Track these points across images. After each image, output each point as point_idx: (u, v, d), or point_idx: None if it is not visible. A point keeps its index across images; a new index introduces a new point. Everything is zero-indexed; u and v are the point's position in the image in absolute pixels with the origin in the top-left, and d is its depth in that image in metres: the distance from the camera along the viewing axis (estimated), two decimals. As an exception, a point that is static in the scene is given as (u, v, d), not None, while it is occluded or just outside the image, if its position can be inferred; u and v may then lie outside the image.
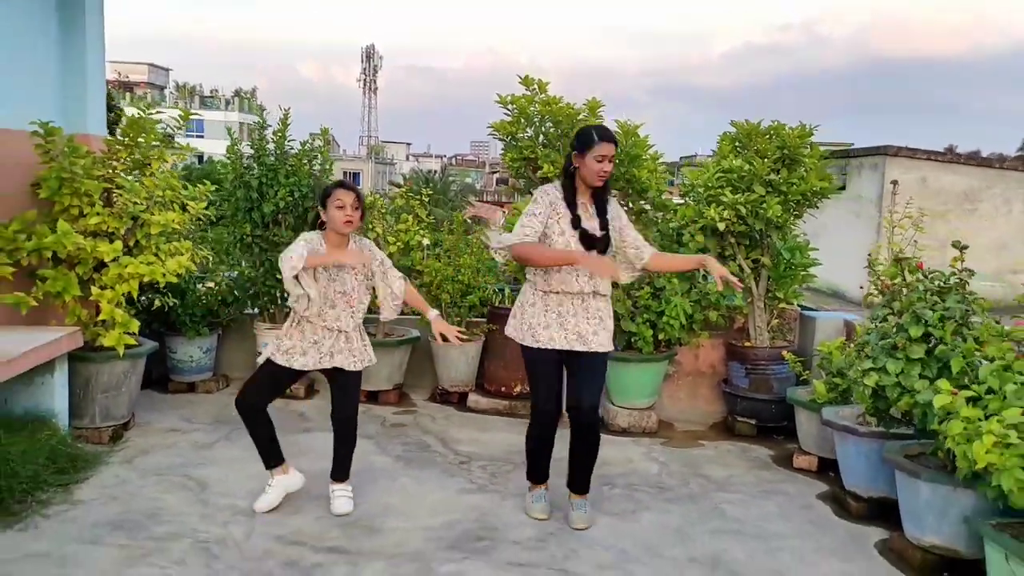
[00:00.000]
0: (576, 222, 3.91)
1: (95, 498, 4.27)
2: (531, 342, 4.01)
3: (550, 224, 3.93)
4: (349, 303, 4.05)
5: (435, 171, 57.65)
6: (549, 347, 3.98)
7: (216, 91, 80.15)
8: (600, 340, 4.01)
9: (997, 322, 3.72)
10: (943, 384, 3.32)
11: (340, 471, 4.30)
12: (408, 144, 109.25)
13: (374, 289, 4.22)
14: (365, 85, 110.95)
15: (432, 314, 4.24)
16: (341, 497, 4.24)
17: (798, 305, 6.27)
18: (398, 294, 4.19)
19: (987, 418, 3.26)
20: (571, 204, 3.94)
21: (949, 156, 19.16)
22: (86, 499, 4.24)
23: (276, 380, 4.16)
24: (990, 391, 3.31)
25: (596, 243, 3.92)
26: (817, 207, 5.83)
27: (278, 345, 4.09)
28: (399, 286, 4.19)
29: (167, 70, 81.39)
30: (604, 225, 3.98)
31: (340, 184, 4.08)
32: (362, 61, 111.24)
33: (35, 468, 4.19)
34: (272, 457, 4.23)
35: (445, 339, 4.17)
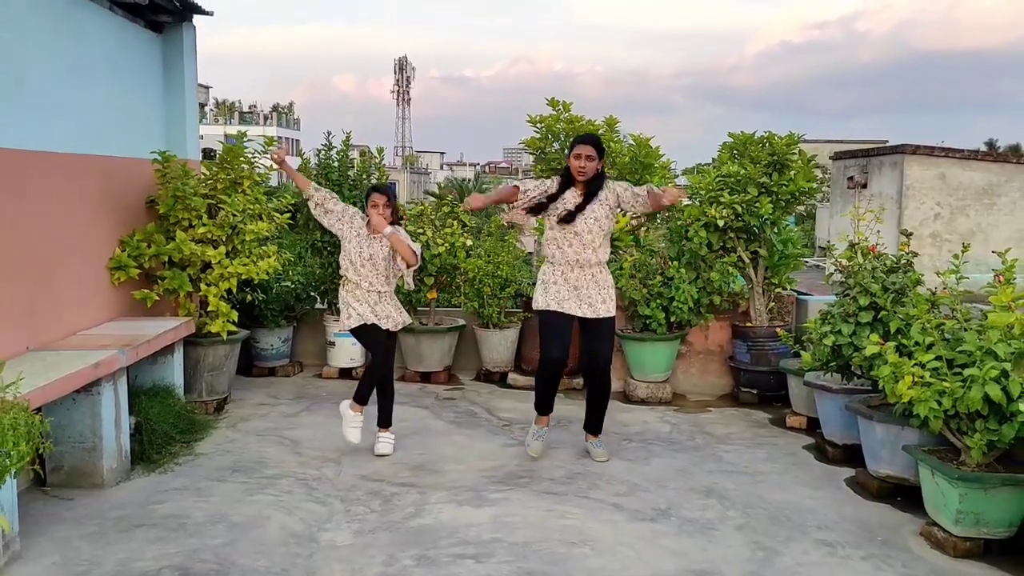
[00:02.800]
0: (552, 199, 5.07)
1: (213, 451, 5.35)
2: (555, 307, 5.08)
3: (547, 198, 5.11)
4: (375, 265, 5.21)
5: (469, 179, 58.80)
6: (567, 312, 5.06)
7: (254, 107, 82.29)
8: (608, 307, 5.11)
9: (933, 293, 4.64)
10: (873, 337, 4.27)
11: (383, 419, 5.42)
12: (442, 153, 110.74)
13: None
14: (398, 96, 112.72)
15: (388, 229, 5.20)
16: (383, 441, 5.36)
17: (793, 290, 7.18)
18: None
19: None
20: (561, 189, 5.08)
21: (967, 153, 19.76)
22: (206, 452, 5.33)
23: (368, 338, 5.30)
24: (917, 344, 4.24)
25: (575, 210, 5.00)
26: (805, 204, 6.73)
27: (343, 320, 5.31)
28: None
29: (207, 88, 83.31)
30: (584, 204, 4.98)
31: (374, 188, 5.36)
32: (395, 72, 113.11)
33: (166, 427, 5.27)
34: (362, 399, 5.32)
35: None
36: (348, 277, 5.26)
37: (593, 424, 5.33)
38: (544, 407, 5.37)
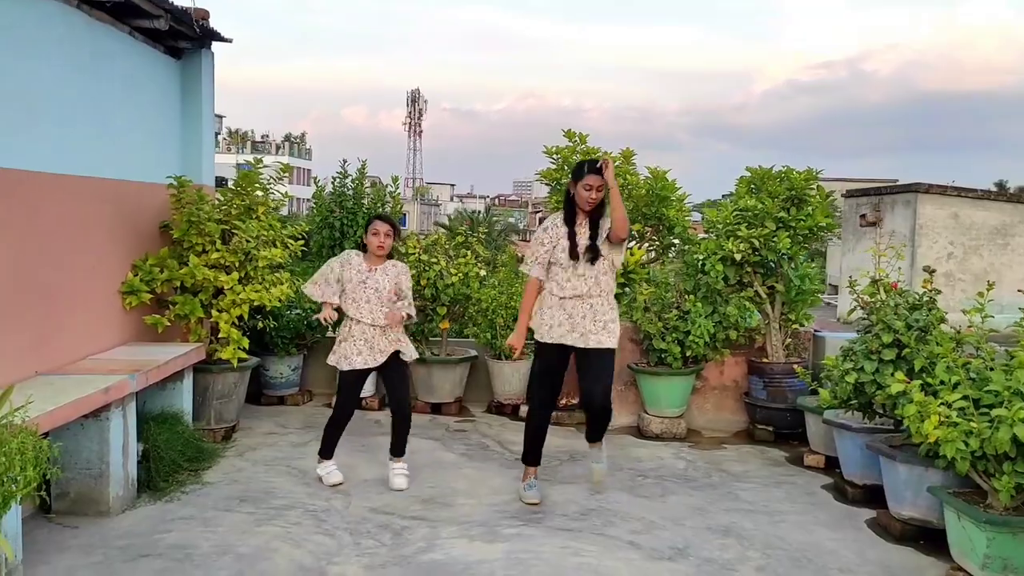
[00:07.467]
0: (571, 236, 4.84)
1: (220, 480, 5.26)
2: (547, 338, 4.91)
3: (557, 243, 4.90)
4: (380, 300, 5.07)
5: (479, 211, 58.97)
6: (559, 342, 4.87)
7: (267, 136, 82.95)
8: (599, 339, 4.82)
9: (958, 331, 4.56)
10: (898, 375, 4.17)
11: (398, 449, 5.26)
12: (452, 185, 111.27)
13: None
14: (410, 128, 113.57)
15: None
16: (399, 475, 5.20)
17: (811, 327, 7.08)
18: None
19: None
20: (570, 223, 4.88)
21: (980, 192, 19.68)
22: (213, 481, 5.24)
23: (350, 384, 5.21)
24: (942, 383, 4.15)
25: (584, 252, 4.82)
26: (823, 240, 6.68)
27: (336, 355, 5.17)
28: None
29: (220, 117, 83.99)
30: (594, 237, 4.82)
31: (378, 216, 5.23)
32: (407, 105, 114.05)
33: (174, 455, 5.19)
34: (329, 452, 5.32)
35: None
36: (350, 315, 5.11)
37: (591, 433, 5.15)
38: (530, 457, 5.17)
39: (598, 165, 4.74)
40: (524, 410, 7.13)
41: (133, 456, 4.80)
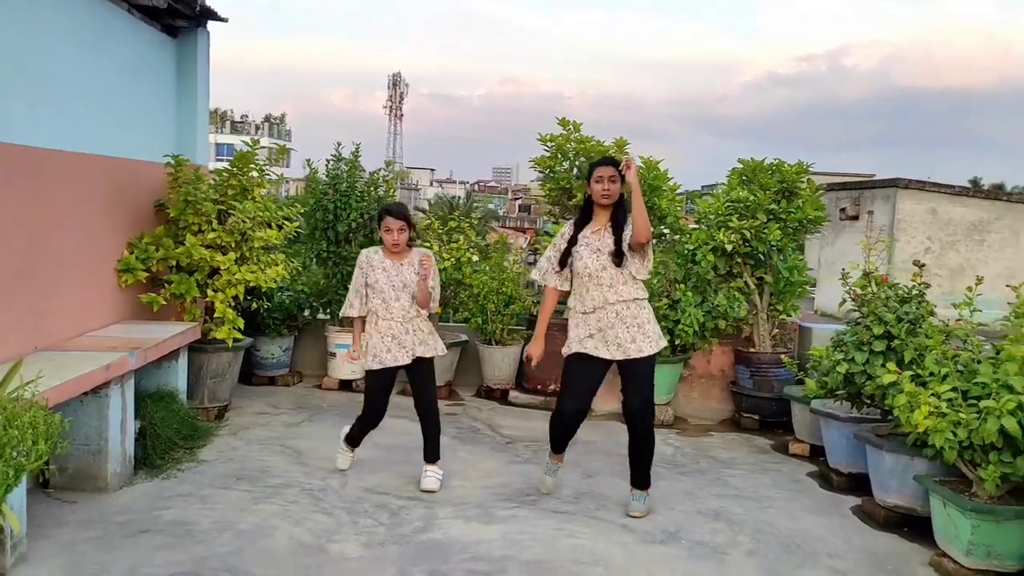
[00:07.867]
0: (571, 241, 4.67)
1: (215, 458, 5.29)
2: (576, 349, 4.61)
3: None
4: (408, 293, 4.82)
5: (459, 197, 58.84)
6: (593, 354, 4.57)
7: (246, 116, 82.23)
8: (639, 346, 4.53)
9: (947, 324, 4.67)
10: (890, 366, 4.29)
11: (431, 454, 5.00)
12: (432, 170, 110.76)
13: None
14: (391, 112, 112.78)
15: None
16: (431, 476, 4.94)
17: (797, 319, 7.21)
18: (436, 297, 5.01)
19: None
20: (578, 228, 4.69)
21: (958, 189, 19.94)
22: (208, 459, 5.27)
23: (382, 383, 4.96)
24: (932, 374, 4.26)
25: (611, 257, 4.51)
26: (813, 233, 6.80)
27: (366, 354, 4.88)
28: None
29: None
30: (618, 242, 4.52)
31: (387, 211, 4.85)
32: (388, 88, 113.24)
33: (170, 433, 5.22)
34: (353, 441, 5.18)
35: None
36: (379, 314, 4.84)
37: (635, 478, 4.76)
38: (556, 446, 4.94)
39: (620, 167, 4.53)
40: (513, 395, 7.22)
41: (131, 433, 4.82)
